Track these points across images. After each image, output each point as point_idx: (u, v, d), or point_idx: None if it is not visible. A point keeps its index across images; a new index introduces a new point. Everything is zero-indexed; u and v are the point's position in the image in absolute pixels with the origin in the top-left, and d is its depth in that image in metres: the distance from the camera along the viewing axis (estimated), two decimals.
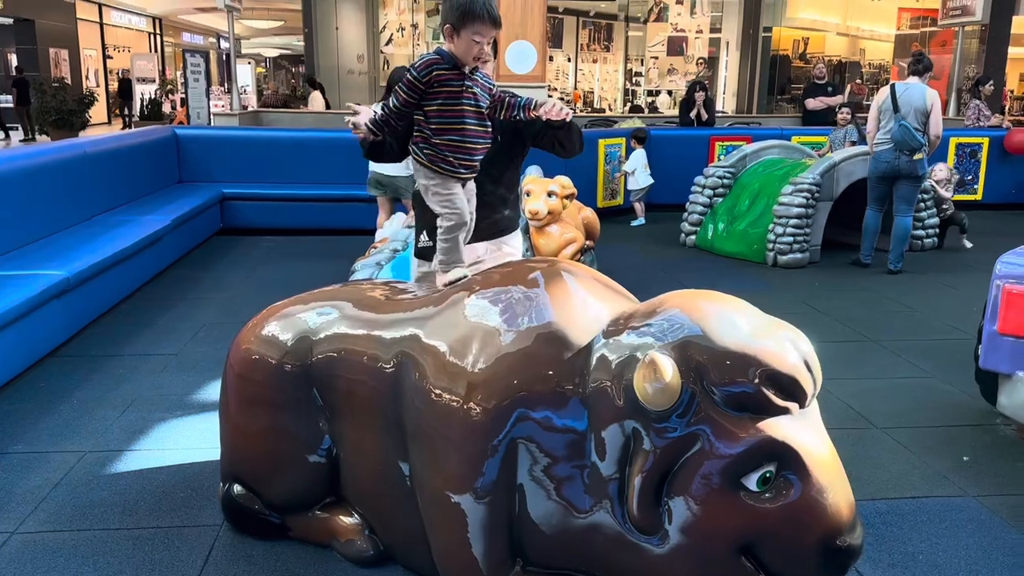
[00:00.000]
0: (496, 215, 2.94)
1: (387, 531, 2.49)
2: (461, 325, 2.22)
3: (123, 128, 19.40)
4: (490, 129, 2.63)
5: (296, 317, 2.61)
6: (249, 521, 2.67)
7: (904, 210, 6.45)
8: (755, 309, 2.00)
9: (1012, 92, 21.73)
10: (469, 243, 2.79)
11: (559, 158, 2.96)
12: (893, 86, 6.38)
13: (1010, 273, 3.42)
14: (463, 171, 2.59)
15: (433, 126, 2.53)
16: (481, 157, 2.63)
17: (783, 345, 1.89)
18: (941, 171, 7.54)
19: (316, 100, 13.91)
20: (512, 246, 3.05)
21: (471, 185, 2.71)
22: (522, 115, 2.61)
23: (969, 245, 7.44)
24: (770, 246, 6.77)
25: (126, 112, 21.08)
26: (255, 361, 2.59)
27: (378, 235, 5.68)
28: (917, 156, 6.21)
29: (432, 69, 2.45)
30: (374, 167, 6.48)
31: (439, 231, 2.64)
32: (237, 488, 2.67)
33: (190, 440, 3.39)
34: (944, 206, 7.48)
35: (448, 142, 2.53)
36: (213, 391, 3.84)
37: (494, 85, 2.64)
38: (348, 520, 2.56)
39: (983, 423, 3.69)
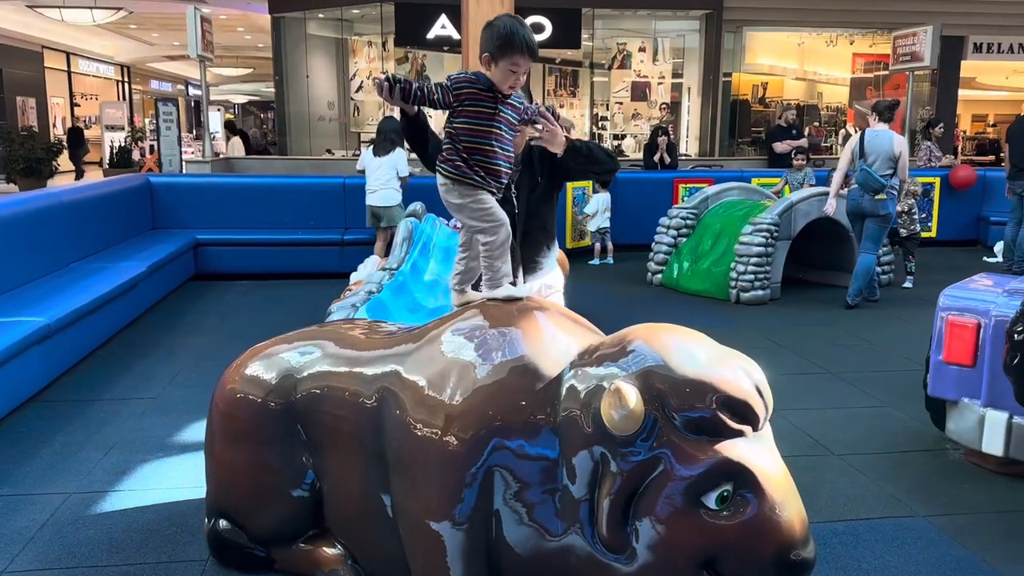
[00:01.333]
0: (539, 256, 3.09)
1: (369, 560, 2.59)
2: (438, 360, 2.36)
3: (77, 178, 18.76)
4: (513, 155, 2.64)
5: (279, 356, 2.74)
6: (235, 555, 2.76)
7: (869, 248, 6.79)
8: (711, 340, 2.17)
9: (964, 132, 22.45)
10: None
11: (598, 182, 3.14)
12: (863, 133, 6.79)
13: (952, 305, 3.65)
14: (491, 186, 2.59)
15: (464, 143, 2.53)
16: (505, 180, 2.64)
17: (737, 373, 2.05)
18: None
19: (236, 146, 13.89)
20: (553, 282, 3.20)
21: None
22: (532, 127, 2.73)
23: (908, 285, 7.62)
24: (733, 284, 7.00)
25: (80, 161, 19.99)
26: (240, 399, 2.70)
27: (353, 277, 5.81)
28: (879, 197, 6.57)
29: (464, 86, 2.49)
30: (368, 201, 7.25)
31: (482, 248, 2.60)
32: (223, 523, 2.76)
33: (173, 480, 3.47)
34: (910, 215, 7.58)
35: (478, 161, 2.54)
36: (193, 433, 3.93)
37: (522, 102, 2.66)
38: (331, 551, 2.66)
39: (933, 448, 3.88)
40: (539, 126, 2.77)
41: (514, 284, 2.82)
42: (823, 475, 3.57)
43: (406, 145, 6.47)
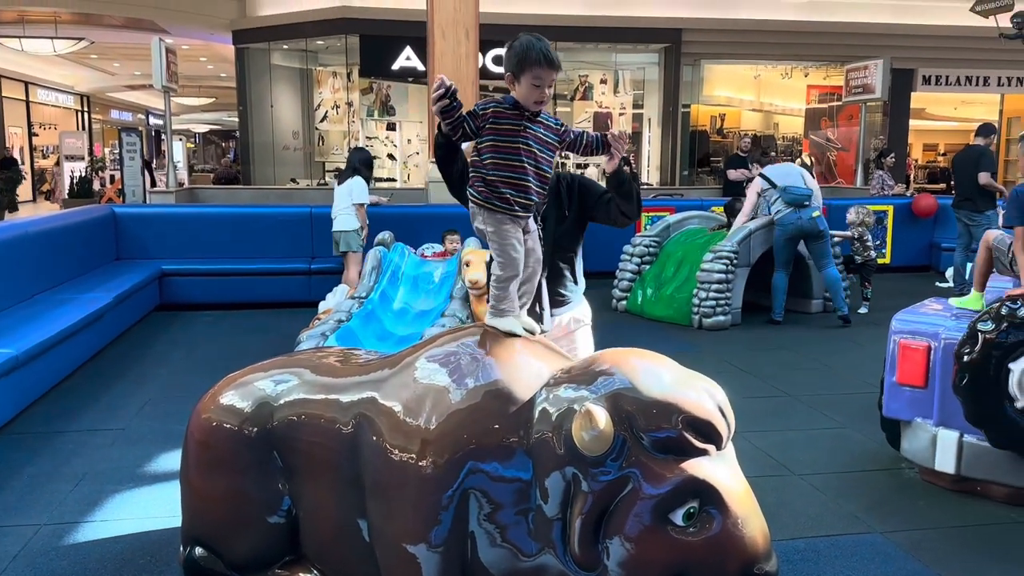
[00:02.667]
0: (564, 289, 3.06)
1: None
2: (414, 386, 2.42)
3: (10, 211, 16.63)
4: (549, 175, 2.61)
5: (255, 385, 2.77)
6: None
7: (825, 264, 7.22)
8: (675, 363, 2.27)
9: (916, 161, 23.08)
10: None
11: (616, 227, 3.04)
12: (762, 174, 7.37)
13: (904, 329, 3.81)
14: (519, 209, 2.54)
15: (488, 162, 2.52)
16: (536, 199, 2.59)
17: (701, 395, 2.16)
18: (849, 214, 7.92)
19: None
20: (583, 316, 3.16)
21: (532, 226, 2.65)
22: (600, 150, 2.68)
23: (863, 311, 7.82)
24: (695, 310, 7.16)
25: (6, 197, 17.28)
26: (215, 428, 2.73)
27: (322, 306, 5.85)
28: (816, 214, 7.02)
29: (489, 107, 2.51)
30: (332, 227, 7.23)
31: (492, 277, 2.61)
32: (198, 550, 2.78)
33: (145, 510, 3.48)
34: (863, 242, 7.86)
35: (502, 178, 2.51)
36: (164, 463, 3.93)
37: (562, 124, 2.64)
38: None
39: (890, 467, 4.02)
40: (613, 133, 2.70)
41: (539, 318, 2.87)
42: (784, 494, 3.68)
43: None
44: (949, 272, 9.44)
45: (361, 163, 7.44)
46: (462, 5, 8.61)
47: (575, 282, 3.11)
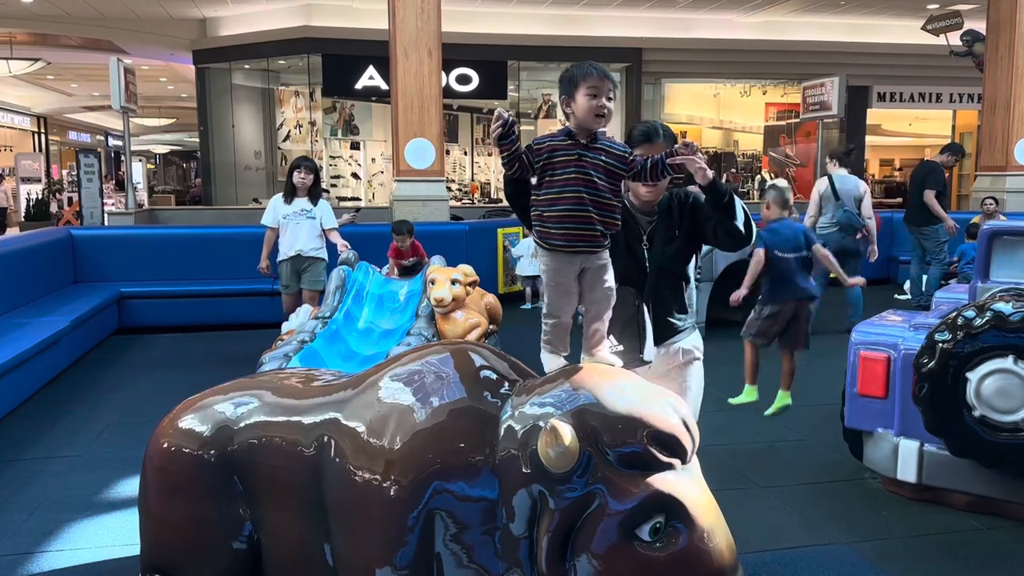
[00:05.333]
0: (671, 317, 2.86)
1: None
2: (377, 406, 2.40)
3: None
4: (613, 204, 2.42)
5: (214, 408, 2.72)
6: None
7: None
8: (640, 379, 2.28)
9: (873, 176, 23.53)
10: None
11: (726, 251, 2.78)
12: (831, 177, 7.44)
13: (864, 341, 3.86)
14: (581, 245, 2.41)
15: (544, 198, 2.42)
16: (602, 230, 2.41)
17: (665, 409, 2.16)
18: None
19: None
20: (694, 347, 2.91)
21: (605, 257, 2.48)
22: (668, 171, 2.46)
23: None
24: None
25: None
26: (174, 452, 2.68)
27: (284, 327, 5.78)
28: (860, 236, 7.30)
29: (547, 140, 2.42)
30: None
31: (543, 310, 2.49)
32: None
33: (102, 539, 3.39)
34: None
35: (560, 213, 2.38)
36: (122, 490, 3.85)
37: (629, 152, 2.46)
38: None
39: (853, 478, 4.07)
40: (677, 147, 2.48)
41: (639, 350, 2.74)
42: (749, 507, 3.70)
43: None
44: (907, 284, 9.60)
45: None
46: (424, 25, 8.64)
47: (685, 309, 2.87)
